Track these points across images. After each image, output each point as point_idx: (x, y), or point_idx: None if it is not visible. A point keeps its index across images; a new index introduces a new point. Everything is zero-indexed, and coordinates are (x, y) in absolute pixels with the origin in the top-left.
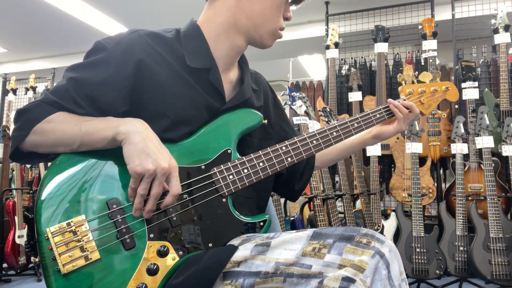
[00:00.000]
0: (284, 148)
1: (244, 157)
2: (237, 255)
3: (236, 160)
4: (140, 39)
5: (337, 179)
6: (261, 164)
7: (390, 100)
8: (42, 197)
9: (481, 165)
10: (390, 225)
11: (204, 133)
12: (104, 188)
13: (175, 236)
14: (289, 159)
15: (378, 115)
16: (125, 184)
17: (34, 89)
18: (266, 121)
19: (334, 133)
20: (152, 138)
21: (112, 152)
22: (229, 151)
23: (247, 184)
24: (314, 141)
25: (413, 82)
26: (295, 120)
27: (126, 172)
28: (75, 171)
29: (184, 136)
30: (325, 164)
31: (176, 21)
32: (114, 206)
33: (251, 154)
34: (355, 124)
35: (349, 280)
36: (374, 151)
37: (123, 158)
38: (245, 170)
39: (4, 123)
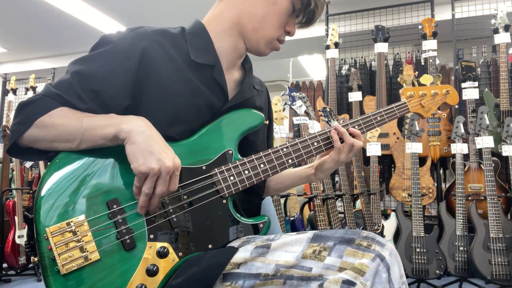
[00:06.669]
0: (285, 149)
1: (245, 158)
2: (237, 257)
3: (237, 161)
4: (146, 34)
5: (337, 179)
6: (261, 165)
7: (337, 125)
8: (42, 196)
9: (481, 165)
10: (390, 225)
11: (206, 133)
12: (104, 188)
13: (175, 237)
14: (289, 160)
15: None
16: (125, 184)
17: (34, 89)
18: (267, 122)
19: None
20: (155, 136)
21: (113, 151)
22: (230, 151)
23: (247, 186)
24: (315, 143)
25: (413, 83)
26: (295, 120)
27: (127, 171)
28: (75, 170)
29: (185, 133)
30: (274, 190)
31: (176, 21)
32: (115, 206)
33: (252, 155)
34: (356, 125)
35: (349, 283)
36: (374, 151)
37: (124, 157)
38: (246, 172)
39: (4, 123)
